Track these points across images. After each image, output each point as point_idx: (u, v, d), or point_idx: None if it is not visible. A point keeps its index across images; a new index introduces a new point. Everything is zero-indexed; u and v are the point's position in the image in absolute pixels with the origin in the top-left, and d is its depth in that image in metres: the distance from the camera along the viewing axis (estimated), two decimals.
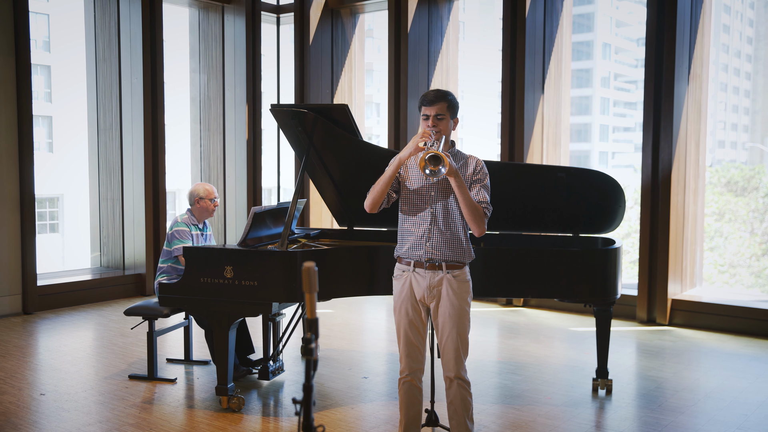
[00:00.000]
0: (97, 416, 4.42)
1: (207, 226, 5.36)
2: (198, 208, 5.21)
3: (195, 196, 5.20)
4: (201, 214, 5.23)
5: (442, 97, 3.49)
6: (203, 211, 5.22)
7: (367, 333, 6.87)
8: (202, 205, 5.20)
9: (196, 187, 5.24)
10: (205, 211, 5.22)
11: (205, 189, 5.21)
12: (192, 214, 5.23)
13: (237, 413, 4.48)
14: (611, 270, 4.65)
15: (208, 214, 5.25)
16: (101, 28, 8.46)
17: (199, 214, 5.23)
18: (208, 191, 5.21)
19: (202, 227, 5.28)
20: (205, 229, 5.31)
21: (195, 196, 5.20)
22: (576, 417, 4.47)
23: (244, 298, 4.36)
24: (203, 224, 5.30)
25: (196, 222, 5.22)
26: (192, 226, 5.18)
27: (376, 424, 4.36)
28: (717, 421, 4.42)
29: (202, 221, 5.28)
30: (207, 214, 5.24)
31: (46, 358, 5.85)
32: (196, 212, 5.22)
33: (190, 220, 5.19)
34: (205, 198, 5.19)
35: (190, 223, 5.18)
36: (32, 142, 7.32)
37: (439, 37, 8.56)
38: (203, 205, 5.20)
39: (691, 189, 7.21)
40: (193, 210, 5.22)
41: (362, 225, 5.49)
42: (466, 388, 3.54)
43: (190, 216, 5.21)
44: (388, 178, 3.48)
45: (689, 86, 7.06)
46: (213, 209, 5.25)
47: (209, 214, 5.25)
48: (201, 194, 5.19)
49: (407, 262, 3.54)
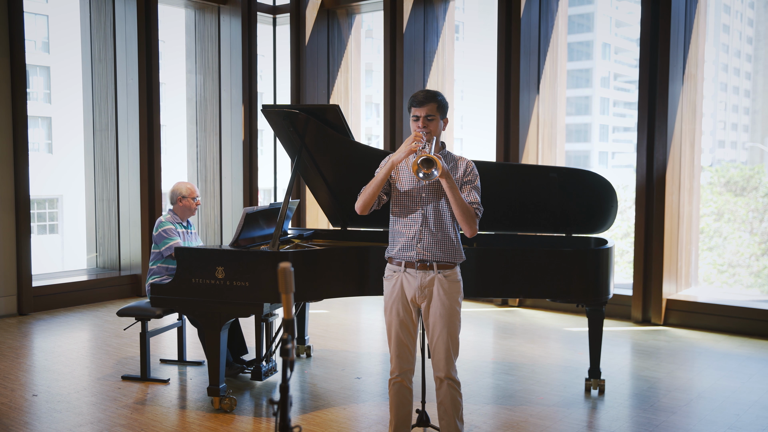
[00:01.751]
0: (88, 417, 4.42)
1: (191, 224, 5.35)
2: (180, 207, 5.19)
3: (177, 195, 5.18)
4: (183, 213, 5.21)
5: (431, 97, 3.49)
6: (186, 210, 5.21)
7: (361, 333, 6.87)
8: (185, 204, 5.19)
9: (178, 186, 5.22)
10: (187, 210, 5.21)
11: (187, 188, 5.19)
12: (174, 213, 5.21)
13: (229, 414, 4.47)
14: (603, 270, 4.65)
15: (190, 213, 5.24)
16: (97, 29, 8.46)
17: (182, 213, 5.21)
18: (190, 190, 5.20)
19: (186, 225, 5.27)
20: (189, 227, 5.30)
21: (177, 195, 5.18)
22: (567, 417, 4.47)
23: (235, 298, 4.36)
24: (186, 222, 5.29)
25: (179, 221, 5.21)
26: (176, 224, 5.16)
27: (368, 424, 4.36)
28: (709, 421, 4.42)
29: (185, 220, 5.26)
30: (189, 213, 5.23)
31: (39, 359, 5.85)
32: (179, 211, 5.21)
33: (173, 219, 5.17)
34: (187, 197, 5.18)
35: (174, 221, 5.16)
36: (27, 142, 7.31)
37: (435, 37, 8.56)
38: (186, 204, 5.19)
39: (686, 189, 7.21)
40: (176, 209, 5.21)
41: (356, 225, 5.49)
42: (456, 388, 3.54)
43: (173, 215, 5.19)
44: (379, 180, 3.48)
45: (684, 86, 7.05)
46: (195, 208, 5.24)
47: (191, 213, 5.24)
48: (183, 193, 5.18)
49: (398, 263, 3.54)
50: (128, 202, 8.49)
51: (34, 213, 25.81)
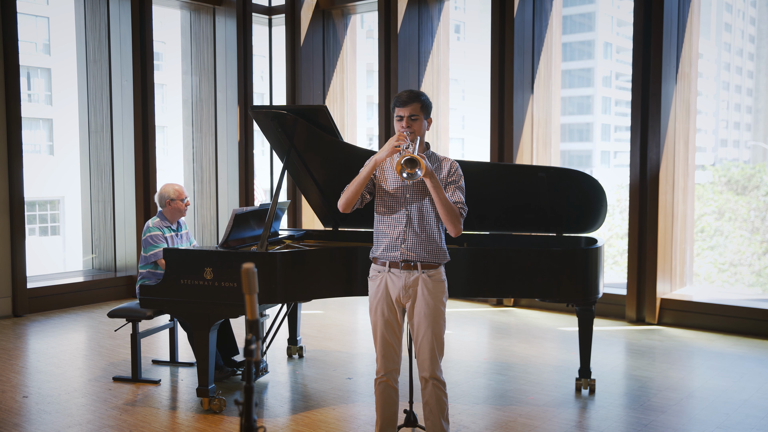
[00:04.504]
0: (78, 418, 4.42)
1: (182, 225, 5.33)
2: (170, 209, 5.18)
3: (166, 198, 5.16)
4: (173, 215, 5.20)
5: (415, 97, 3.49)
6: (175, 212, 5.19)
7: (355, 334, 6.86)
8: (174, 206, 5.17)
9: (166, 188, 5.19)
10: (177, 211, 5.19)
11: (174, 190, 5.17)
12: (164, 216, 5.19)
13: (218, 414, 4.48)
14: (592, 270, 4.64)
15: (180, 214, 5.22)
16: (92, 31, 8.47)
17: (171, 215, 5.20)
18: (178, 192, 5.17)
19: (176, 227, 5.26)
20: (179, 229, 5.29)
21: (166, 198, 5.16)
22: (557, 417, 4.46)
23: (224, 299, 4.36)
24: (177, 224, 5.27)
25: (169, 224, 5.19)
26: (165, 228, 5.15)
27: (357, 425, 4.36)
28: (698, 420, 4.41)
29: (175, 221, 5.25)
30: (179, 215, 5.22)
31: (32, 360, 5.86)
32: (168, 214, 5.19)
33: (162, 223, 5.15)
34: (176, 199, 5.16)
35: (163, 225, 5.14)
36: (21, 144, 7.33)
37: (430, 37, 8.56)
38: (175, 206, 5.17)
39: (681, 188, 7.19)
40: (165, 212, 5.19)
41: (347, 226, 5.49)
42: (441, 388, 3.54)
43: (162, 219, 5.17)
44: (362, 179, 3.49)
45: (677, 85, 7.04)
46: (185, 209, 5.21)
47: (181, 214, 5.23)
48: (172, 195, 5.16)
49: (383, 263, 3.54)
50: (123, 203, 8.49)
51: (35, 215, 25.86)
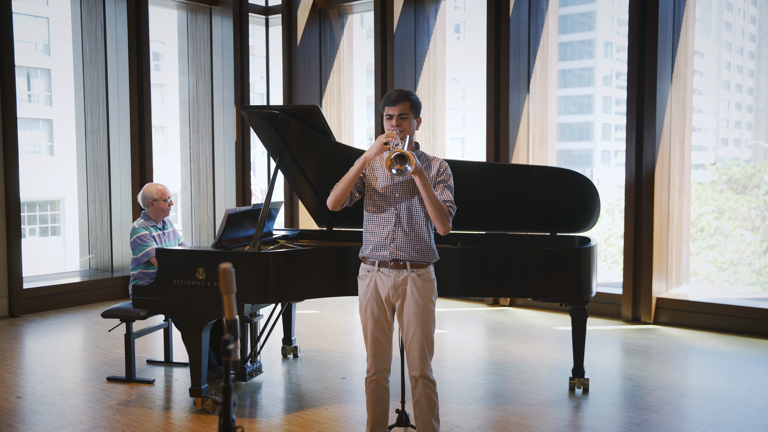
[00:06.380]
0: (70, 419, 4.43)
1: (167, 224, 5.33)
2: (153, 209, 5.18)
3: (149, 199, 5.17)
4: (157, 215, 5.20)
5: (404, 96, 3.50)
6: (159, 212, 5.19)
7: (351, 334, 6.86)
8: (157, 206, 5.18)
9: (148, 188, 5.20)
10: (160, 211, 5.19)
11: (157, 190, 5.18)
12: (148, 216, 5.19)
13: (211, 415, 4.48)
14: (585, 269, 4.64)
15: (164, 214, 5.22)
16: (88, 31, 8.47)
17: (155, 215, 5.20)
18: (161, 192, 5.18)
19: (162, 226, 5.25)
20: (165, 227, 5.28)
21: (149, 199, 5.17)
22: (549, 416, 4.46)
23: (216, 299, 4.36)
24: (162, 223, 5.27)
25: (154, 223, 5.19)
26: (151, 227, 5.15)
27: (350, 425, 4.36)
28: (691, 419, 4.41)
29: (160, 221, 5.25)
30: (163, 214, 5.22)
31: (27, 361, 5.86)
32: (152, 214, 5.19)
33: (147, 223, 5.15)
34: (158, 199, 5.16)
35: (149, 225, 5.14)
36: (17, 144, 7.33)
37: (426, 37, 8.55)
38: (158, 207, 5.18)
39: (676, 187, 7.19)
40: (149, 212, 5.19)
41: (341, 225, 5.49)
42: (431, 387, 3.54)
43: (147, 219, 5.17)
44: (352, 177, 3.49)
45: (672, 84, 7.04)
46: (168, 209, 5.21)
47: (165, 214, 5.23)
48: (154, 196, 5.16)
49: (372, 262, 3.55)
50: (120, 203, 8.50)
51: (35, 215, 25.89)
